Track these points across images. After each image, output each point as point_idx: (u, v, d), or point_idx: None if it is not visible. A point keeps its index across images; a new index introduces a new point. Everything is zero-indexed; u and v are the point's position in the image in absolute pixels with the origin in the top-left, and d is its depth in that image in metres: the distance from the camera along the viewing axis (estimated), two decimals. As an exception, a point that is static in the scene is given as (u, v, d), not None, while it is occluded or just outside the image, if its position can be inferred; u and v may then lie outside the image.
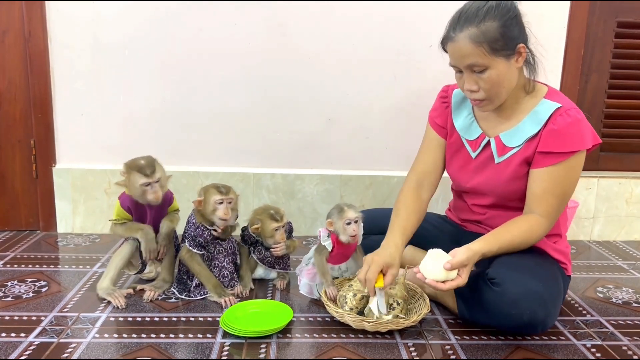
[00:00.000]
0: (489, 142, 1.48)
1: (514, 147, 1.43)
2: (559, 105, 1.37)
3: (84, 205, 2.14)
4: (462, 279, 1.31)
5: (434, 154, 1.61)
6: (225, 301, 1.52)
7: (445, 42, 1.38)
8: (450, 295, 1.49)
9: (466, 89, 1.40)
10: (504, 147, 1.45)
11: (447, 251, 1.66)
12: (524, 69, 1.42)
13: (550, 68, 2.13)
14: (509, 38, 1.32)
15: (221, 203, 1.55)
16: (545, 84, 1.47)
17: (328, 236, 1.57)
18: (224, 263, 1.61)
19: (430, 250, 1.36)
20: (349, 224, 1.53)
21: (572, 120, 1.35)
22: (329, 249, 1.57)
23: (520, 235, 1.39)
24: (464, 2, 1.39)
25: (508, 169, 1.44)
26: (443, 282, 1.31)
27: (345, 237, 1.55)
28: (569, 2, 2.09)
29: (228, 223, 1.59)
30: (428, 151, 1.63)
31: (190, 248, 1.56)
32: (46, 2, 1.98)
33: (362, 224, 1.57)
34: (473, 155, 1.51)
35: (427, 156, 1.62)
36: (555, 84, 2.15)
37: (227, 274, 1.62)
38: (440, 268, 1.29)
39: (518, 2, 1.38)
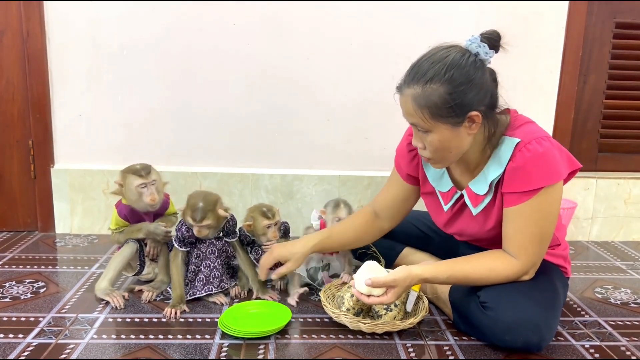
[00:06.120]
0: (461, 196, 1.39)
1: (486, 195, 1.33)
2: (518, 140, 1.25)
3: (82, 206, 2.14)
4: (387, 298, 1.31)
5: (394, 191, 1.55)
6: (168, 311, 1.46)
7: (397, 91, 1.28)
8: (447, 305, 1.47)
9: (413, 144, 1.32)
10: (477, 197, 1.35)
11: (440, 253, 1.66)
12: (487, 127, 1.27)
13: (549, 68, 2.15)
14: (457, 106, 1.19)
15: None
16: (507, 111, 1.32)
17: (319, 218, 1.62)
18: (215, 264, 1.61)
19: (367, 262, 1.41)
20: (338, 220, 1.59)
21: (532, 155, 1.23)
22: (316, 230, 1.61)
23: (480, 270, 1.31)
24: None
25: (489, 217, 1.35)
26: (368, 295, 1.33)
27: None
28: (567, 2, 2.09)
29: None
30: (389, 187, 1.57)
31: (175, 245, 1.58)
32: (44, 2, 1.98)
33: None
34: (445, 208, 1.43)
35: (388, 192, 1.57)
36: (554, 84, 2.15)
37: (217, 274, 1.61)
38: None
39: (518, 2, 1.35)
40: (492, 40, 1.22)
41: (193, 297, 1.56)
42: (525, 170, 1.24)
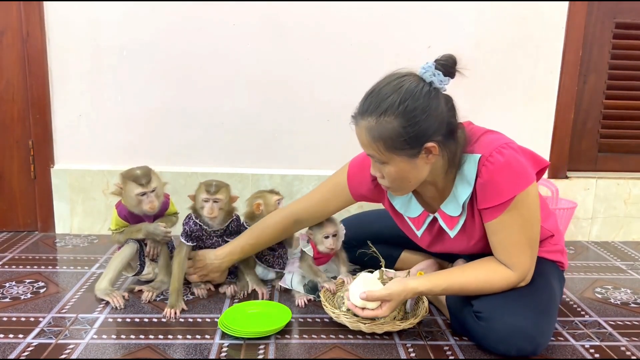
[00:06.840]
0: (434, 219, 1.37)
1: (460, 216, 1.30)
2: (479, 155, 1.22)
3: (82, 206, 2.14)
4: (382, 312, 1.32)
5: (333, 204, 1.51)
6: (167, 312, 1.47)
7: (352, 121, 1.25)
8: (446, 308, 1.47)
9: (372, 174, 1.30)
10: (451, 218, 1.32)
11: (438, 253, 1.66)
12: (446, 154, 1.23)
13: (549, 69, 2.15)
14: (412, 139, 1.16)
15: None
16: (461, 126, 1.25)
17: (308, 242, 1.61)
18: None
19: (362, 273, 1.42)
20: (326, 237, 1.57)
21: (495, 167, 1.20)
22: (311, 254, 1.60)
23: (475, 282, 1.29)
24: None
25: (472, 236, 1.33)
26: (362, 308, 1.34)
27: (323, 248, 1.58)
28: (567, 2, 2.09)
29: None
30: (326, 198, 1.52)
31: (182, 239, 1.59)
32: (44, 3, 1.98)
33: (342, 235, 1.61)
34: (418, 233, 1.41)
35: (324, 204, 1.52)
36: (554, 84, 2.15)
37: None
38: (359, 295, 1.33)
39: (518, 2, 1.33)
40: (447, 67, 1.18)
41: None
42: (494, 183, 1.21)
